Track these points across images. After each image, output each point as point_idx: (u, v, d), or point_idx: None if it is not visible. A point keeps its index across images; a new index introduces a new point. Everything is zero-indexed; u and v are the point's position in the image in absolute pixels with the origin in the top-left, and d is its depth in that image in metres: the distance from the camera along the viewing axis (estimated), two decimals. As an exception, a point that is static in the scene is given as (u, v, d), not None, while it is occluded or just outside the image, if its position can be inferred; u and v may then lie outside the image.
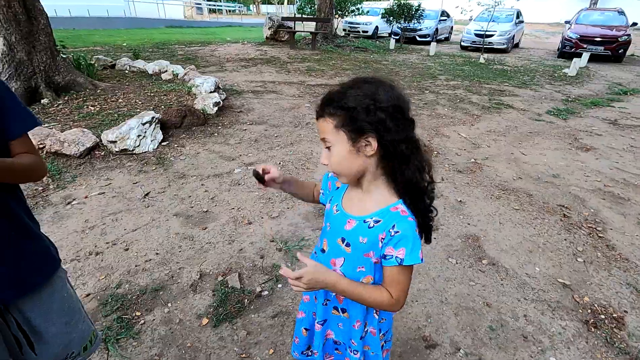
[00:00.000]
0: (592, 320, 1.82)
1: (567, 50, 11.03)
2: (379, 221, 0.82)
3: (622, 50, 10.54)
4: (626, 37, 10.46)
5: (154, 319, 1.75)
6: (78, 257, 2.13)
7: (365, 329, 0.98)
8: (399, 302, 0.84)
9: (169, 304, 1.84)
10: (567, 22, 12.33)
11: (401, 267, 0.80)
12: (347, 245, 0.88)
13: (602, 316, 1.85)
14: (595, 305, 1.92)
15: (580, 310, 1.89)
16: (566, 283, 2.07)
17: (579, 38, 10.80)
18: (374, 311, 0.96)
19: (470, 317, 1.83)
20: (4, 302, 0.86)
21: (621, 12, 11.93)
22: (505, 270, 2.16)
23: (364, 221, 0.85)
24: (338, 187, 0.98)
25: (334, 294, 0.95)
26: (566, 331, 1.76)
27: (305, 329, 1.10)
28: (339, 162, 0.81)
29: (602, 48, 10.53)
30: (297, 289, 0.85)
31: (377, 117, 0.75)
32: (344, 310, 0.98)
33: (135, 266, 2.09)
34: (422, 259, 0.79)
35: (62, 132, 3.39)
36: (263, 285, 1.99)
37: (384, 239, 0.81)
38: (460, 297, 1.95)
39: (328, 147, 0.81)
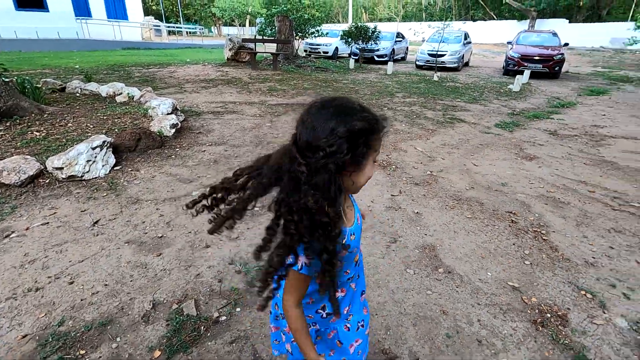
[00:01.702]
0: (539, 319, 1.92)
1: (511, 68, 11.96)
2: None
3: (557, 67, 11.59)
4: (560, 55, 11.53)
5: (100, 357, 1.63)
6: (15, 295, 1.96)
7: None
8: None
9: (118, 339, 1.73)
10: (509, 43, 13.41)
11: None
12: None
13: (548, 315, 1.95)
14: (542, 305, 2.03)
15: (529, 311, 1.99)
16: (515, 286, 2.18)
17: (520, 57, 11.77)
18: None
19: (427, 326, 1.86)
20: None
21: (555, 34, 13.19)
22: (460, 277, 2.24)
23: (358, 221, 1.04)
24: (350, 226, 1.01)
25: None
26: (516, 332, 1.84)
27: None
28: None
29: (541, 66, 11.53)
30: None
31: None
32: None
33: (81, 300, 1.95)
34: None
35: (1, 160, 3.16)
36: (221, 310, 1.92)
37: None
38: (418, 307, 2.00)
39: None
